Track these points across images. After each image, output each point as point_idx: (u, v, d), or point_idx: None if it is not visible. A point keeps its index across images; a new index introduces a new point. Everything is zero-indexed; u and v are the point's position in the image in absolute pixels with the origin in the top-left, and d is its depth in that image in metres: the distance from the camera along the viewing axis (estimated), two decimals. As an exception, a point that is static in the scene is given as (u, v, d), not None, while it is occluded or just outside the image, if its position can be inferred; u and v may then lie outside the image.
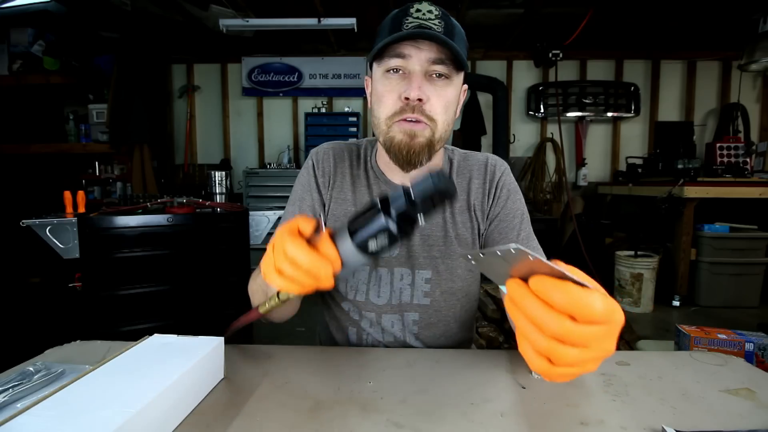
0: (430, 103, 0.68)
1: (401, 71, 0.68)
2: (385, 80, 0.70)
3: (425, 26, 0.66)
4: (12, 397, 0.53)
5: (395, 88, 0.69)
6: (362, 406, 0.53)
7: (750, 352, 1.14)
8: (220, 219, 2.00)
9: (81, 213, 1.84)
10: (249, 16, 3.27)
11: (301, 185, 0.84)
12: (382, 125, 0.71)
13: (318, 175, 0.83)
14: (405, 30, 0.66)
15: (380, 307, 0.79)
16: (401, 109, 0.68)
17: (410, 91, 0.66)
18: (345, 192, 0.82)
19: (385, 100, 0.70)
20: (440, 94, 0.69)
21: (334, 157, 0.84)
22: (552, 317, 0.34)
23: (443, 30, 0.66)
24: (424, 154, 0.71)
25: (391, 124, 0.70)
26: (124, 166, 3.89)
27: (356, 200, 0.81)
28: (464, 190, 0.82)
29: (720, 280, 3.08)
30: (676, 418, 0.51)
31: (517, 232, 0.78)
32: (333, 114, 4.26)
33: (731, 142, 3.59)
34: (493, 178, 0.82)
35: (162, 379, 0.48)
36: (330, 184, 0.83)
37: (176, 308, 1.88)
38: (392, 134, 0.70)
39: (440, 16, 0.68)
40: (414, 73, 0.67)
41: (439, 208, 0.49)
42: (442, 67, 0.67)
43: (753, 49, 3.01)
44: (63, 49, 3.61)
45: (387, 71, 0.69)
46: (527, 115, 4.39)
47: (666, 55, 4.22)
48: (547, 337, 0.35)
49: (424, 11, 0.68)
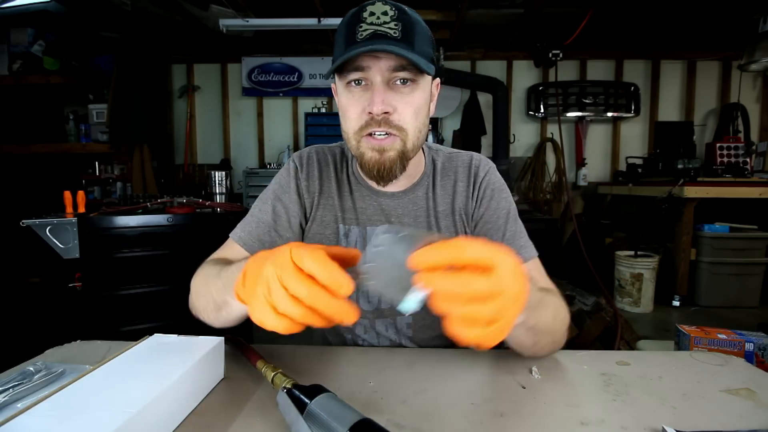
0: (398, 112, 0.65)
1: (363, 82, 0.65)
2: (347, 93, 0.67)
3: (380, 33, 0.61)
4: (12, 397, 0.53)
5: (358, 101, 0.66)
6: (363, 406, 0.53)
7: (750, 352, 1.14)
8: (220, 219, 2.00)
9: (81, 213, 1.84)
10: (249, 16, 3.27)
11: (279, 185, 0.80)
12: (351, 140, 0.69)
13: (301, 178, 0.79)
14: (359, 40, 0.61)
15: (371, 312, 0.79)
16: (367, 123, 0.65)
17: (373, 105, 0.63)
18: (332, 198, 0.80)
19: (349, 114, 0.67)
20: (407, 102, 0.65)
21: (319, 162, 0.81)
22: (470, 277, 0.37)
23: (400, 33, 0.62)
24: (396, 167, 0.68)
25: (360, 139, 0.67)
26: (124, 166, 3.89)
27: (342, 206, 0.79)
28: (449, 193, 0.79)
29: (720, 280, 3.08)
30: (676, 418, 0.51)
31: (503, 232, 0.76)
32: (333, 114, 4.26)
33: (731, 142, 3.59)
34: (476, 180, 0.79)
35: (162, 379, 0.48)
36: (317, 190, 0.79)
37: (176, 308, 1.86)
38: (362, 150, 0.68)
39: (395, 17, 0.63)
40: (375, 85, 0.64)
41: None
42: (404, 73, 0.64)
43: (753, 49, 3.01)
44: (63, 49, 3.61)
45: (348, 83, 0.66)
46: (527, 115, 4.39)
47: (666, 55, 4.22)
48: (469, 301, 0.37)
49: (378, 14, 0.63)
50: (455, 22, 3.42)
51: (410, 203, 0.78)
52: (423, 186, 0.79)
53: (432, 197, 0.79)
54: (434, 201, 0.79)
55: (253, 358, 0.62)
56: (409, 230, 0.41)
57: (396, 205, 0.78)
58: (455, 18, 3.37)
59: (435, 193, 0.79)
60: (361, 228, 0.78)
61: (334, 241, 0.78)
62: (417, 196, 0.79)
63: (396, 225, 0.59)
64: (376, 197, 0.78)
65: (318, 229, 0.79)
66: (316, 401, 0.45)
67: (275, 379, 0.54)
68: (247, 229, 0.77)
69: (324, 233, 0.78)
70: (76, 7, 3.18)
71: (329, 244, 0.77)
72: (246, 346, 0.66)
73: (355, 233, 0.78)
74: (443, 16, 3.44)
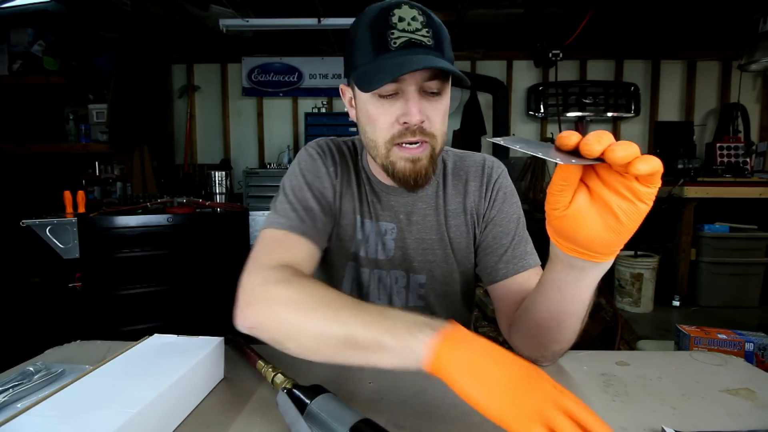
0: (430, 120, 0.65)
1: (395, 93, 0.64)
2: (376, 102, 0.65)
3: (415, 41, 0.60)
4: (12, 397, 0.53)
5: (390, 110, 0.64)
6: (362, 406, 0.53)
7: (750, 352, 1.14)
8: (220, 219, 2.00)
9: (81, 213, 1.84)
10: (249, 16, 3.27)
11: (307, 170, 0.74)
12: (381, 149, 0.67)
13: (328, 164, 0.76)
14: (393, 48, 0.60)
15: None
16: (400, 133, 0.64)
17: (411, 116, 0.62)
18: (352, 188, 0.77)
19: (380, 123, 0.65)
20: (437, 109, 0.65)
21: (338, 152, 0.79)
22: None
23: (433, 41, 0.61)
24: (429, 172, 0.69)
25: (391, 148, 0.66)
26: (124, 166, 3.89)
27: (360, 198, 0.79)
28: (460, 192, 0.80)
29: (720, 280, 3.08)
30: (676, 418, 0.51)
31: (512, 236, 0.76)
32: (333, 114, 4.26)
33: (731, 142, 3.59)
34: (490, 180, 0.80)
35: (162, 379, 0.48)
36: (339, 179, 0.77)
37: (176, 308, 1.88)
38: (393, 159, 0.67)
39: (425, 23, 0.61)
40: (410, 95, 0.62)
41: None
42: (436, 83, 0.63)
43: (753, 49, 3.01)
44: (63, 49, 3.61)
45: (379, 95, 0.64)
46: (527, 115, 4.39)
47: (666, 55, 4.22)
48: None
49: (408, 19, 0.61)
50: (455, 22, 3.42)
51: (419, 201, 0.79)
52: (433, 185, 0.79)
53: (442, 196, 0.79)
54: (444, 200, 0.79)
55: (253, 358, 0.62)
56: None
57: (405, 203, 0.78)
58: (455, 18, 3.37)
59: (446, 192, 0.80)
60: (374, 222, 0.78)
61: (352, 233, 0.77)
62: (427, 195, 0.79)
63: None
64: (386, 194, 0.78)
65: (339, 219, 0.78)
66: (316, 401, 0.45)
67: (275, 379, 0.54)
68: (297, 218, 0.68)
69: (341, 223, 0.77)
70: (76, 7, 3.18)
71: (348, 235, 0.77)
72: (246, 347, 0.66)
73: (368, 226, 0.78)
74: (443, 16, 3.44)
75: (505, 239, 0.76)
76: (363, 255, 0.78)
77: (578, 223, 0.43)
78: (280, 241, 0.65)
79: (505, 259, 0.74)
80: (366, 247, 0.78)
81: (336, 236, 0.77)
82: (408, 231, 0.78)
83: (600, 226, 0.42)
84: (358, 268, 0.79)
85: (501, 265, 0.74)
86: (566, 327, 0.57)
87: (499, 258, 0.75)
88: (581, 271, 0.49)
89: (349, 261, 0.78)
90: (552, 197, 0.44)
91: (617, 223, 0.42)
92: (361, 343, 0.46)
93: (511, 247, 0.75)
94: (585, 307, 0.55)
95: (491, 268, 0.75)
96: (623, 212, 0.41)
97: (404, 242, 0.78)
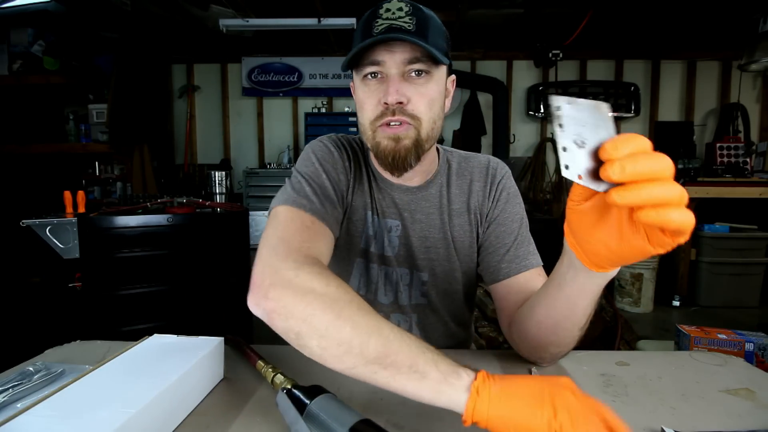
0: (412, 102, 0.67)
1: (379, 75, 0.67)
2: (364, 86, 0.69)
3: (395, 27, 0.64)
4: (12, 397, 0.53)
5: (374, 93, 0.68)
6: (362, 406, 0.53)
7: (750, 352, 1.14)
8: (220, 219, 2.00)
9: (81, 213, 1.84)
10: (249, 16, 3.27)
11: (324, 159, 0.73)
12: (368, 130, 0.70)
13: (344, 158, 0.77)
14: (375, 33, 0.64)
15: (388, 306, 0.80)
16: (382, 113, 0.67)
17: (388, 96, 0.65)
18: (363, 184, 0.78)
19: (366, 105, 0.69)
20: (421, 93, 0.67)
21: (350, 146, 0.80)
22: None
23: (415, 27, 0.64)
24: (411, 156, 0.69)
25: (376, 128, 0.69)
26: (124, 166, 3.89)
27: (370, 193, 0.79)
28: (464, 192, 0.81)
29: (720, 280, 3.08)
30: (676, 418, 0.51)
31: (515, 236, 0.77)
32: (333, 114, 4.26)
33: (731, 142, 3.59)
34: (494, 181, 0.81)
35: (162, 379, 0.48)
36: (353, 173, 0.77)
37: (176, 308, 1.87)
38: (378, 139, 0.69)
39: (410, 12, 0.66)
40: (390, 77, 0.66)
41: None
42: (419, 65, 0.66)
43: (753, 49, 3.01)
44: (63, 49, 3.61)
45: (365, 77, 0.69)
46: (527, 115, 4.39)
47: (666, 55, 4.22)
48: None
49: (393, 10, 0.66)
50: (455, 22, 3.42)
51: (423, 200, 0.79)
52: (437, 184, 0.80)
53: (446, 195, 0.80)
54: (448, 199, 0.80)
55: (252, 358, 0.62)
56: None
57: (410, 200, 0.79)
58: (455, 18, 3.37)
59: (450, 191, 0.80)
60: (381, 219, 0.78)
61: (362, 229, 0.78)
62: (431, 194, 0.80)
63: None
64: (391, 191, 0.79)
65: (350, 214, 0.78)
66: (316, 402, 0.45)
67: (275, 379, 0.54)
68: (319, 203, 0.66)
69: (351, 219, 0.78)
70: (76, 7, 3.18)
71: (358, 231, 0.78)
72: (246, 347, 0.66)
73: (376, 223, 0.78)
74: (443, 16, 3.39)
75: (507, 239, 0.77)
76: (373, 251, 0.79)
77: (588, 227, 0.42)
78: (309, 228, 0.63)
79: (508, 259, 0.75)
80: (375, 243, 0.78)
81: (345, 231, 0.77)
82: (412, 228, 0.78)
83: (603, 246, 0.42)
84: (367, 264, 0.79)
85: (503, 265, 0.75)
86: (563, 330, 0.57)
87: (502, 257, 0.75)
88: (583, 274, 0.49)
89: (358, 257, 0.79)
90: (577, 187, 0.41)
91: (620, 249, 0.40)
92: (399, 365, 0.43)
93: (513, 246, 0.75)
94: (583, 315, 0.55)
95: (493, 267, 0.76)
96: (630, 248, 0.39)
97: (408, 239, 0.78)
